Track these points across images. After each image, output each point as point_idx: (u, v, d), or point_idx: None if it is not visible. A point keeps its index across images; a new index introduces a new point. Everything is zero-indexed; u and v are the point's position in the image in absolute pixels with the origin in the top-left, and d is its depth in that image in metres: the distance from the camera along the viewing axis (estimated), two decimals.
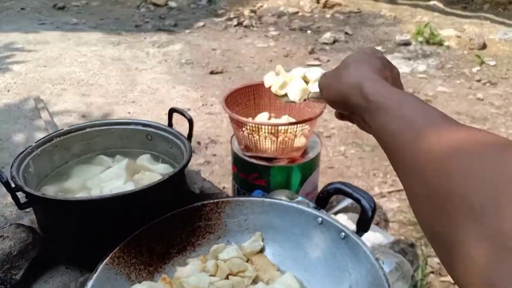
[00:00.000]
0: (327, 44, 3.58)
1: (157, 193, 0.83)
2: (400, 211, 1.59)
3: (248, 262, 0.83)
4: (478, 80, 2.83)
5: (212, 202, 0.88)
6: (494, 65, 3.09)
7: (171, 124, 1.04)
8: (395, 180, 1.79)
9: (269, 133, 1.22)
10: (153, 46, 3.59)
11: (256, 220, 0.88)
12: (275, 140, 1.24)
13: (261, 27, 4.05)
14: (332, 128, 2.26)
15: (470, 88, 2.75)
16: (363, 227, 0.77)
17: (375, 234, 1.35)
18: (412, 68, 3.02)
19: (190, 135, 1.00)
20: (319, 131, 2.10)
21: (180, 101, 2.60)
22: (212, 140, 2.17)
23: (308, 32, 3.92)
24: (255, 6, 4.41)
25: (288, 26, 4.05)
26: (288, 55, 3.37)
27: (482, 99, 2.58)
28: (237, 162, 1.35)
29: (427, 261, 1.32)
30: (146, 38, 3.75)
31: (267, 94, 1.45)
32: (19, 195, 0.83)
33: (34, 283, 0.83)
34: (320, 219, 0.82)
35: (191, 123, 1.00)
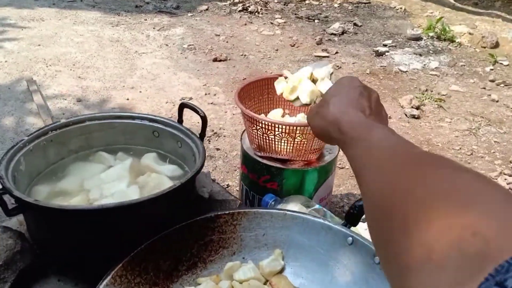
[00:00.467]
0: (335, 35, 3.45)
1: (165, 202, 0.73)
2: None
3: (267, 284, 0.74)
4: (492, 80, 2.73)
5: (228, 213, 0.78)
6: (508, 65, 3.00)
7: (181, 121, 0.93)
8: None
9: (285, 133, 1.11)
10: (153, 28, 3.44)
11: (276, 235, 0.78)
12: (292, 141, 1.14)
13: (266, 14, 3.90)
14: None
15: (484, 88, 2.65)
16: None
17: None
18: (424, 64, 2.91)
19: (203, 134, 0.89)
20: None
21: (181, 89, 2.47)
22: (215, 132, 2.06)
23: (316, 21, 3.78)
24: None
25: (295, 14, 3.91)
26: (294, 45, 3.24)
27: (497, 101, 2.49)
28: (247, 162, 1.25)
29: None
30: (146, 20, 3.59)
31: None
32: (7, 199, 0.72)
33: None
34: (350, 238, 0.73)
35: (205, 120, 0.89)
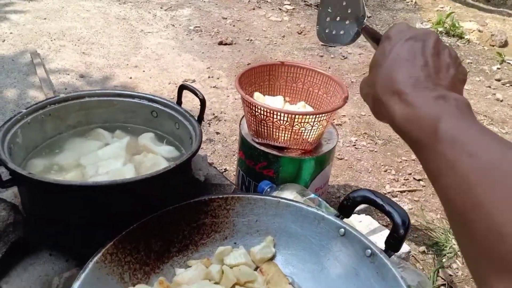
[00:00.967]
0: None
1: (160, 183, 0.73)
2: (412, 213, 1.50)
3: (257, 270, 0.74)
4: (498, 80, 2.71)
5: (221, 197, 0.77)
6: None
7: (180, 102, 0.92)
8: (408, 179, 1.69)
9: (284, 120, 1.11)
10: (161, 8, 3.40)
11: (269, 222, 0.78)
12: (290, 129, 1.13)
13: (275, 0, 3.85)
14: (344, 115, 2.15)
15: (489, 87, 2.63)
16: (393, 246, 0.67)
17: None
18: None
19: (201, 117, 0.89)
20: None
21: (185, 70, 2.46)
22: (216, 116, 2.05)
23: None
24: None
25: (304, 1, 3.86)
26: (301, 32, 3.20)
27: (501, 100, 2.47)
28: (244, 147, 1.25)
29: (439, 271, 1.25)
30: None
31: (283, 76, 1.33)
32: (2, 171, 0.72)
33: (11, 270, 0.73)
34: (342, 230, 0.73)
35: (203, 103, 0.88)
